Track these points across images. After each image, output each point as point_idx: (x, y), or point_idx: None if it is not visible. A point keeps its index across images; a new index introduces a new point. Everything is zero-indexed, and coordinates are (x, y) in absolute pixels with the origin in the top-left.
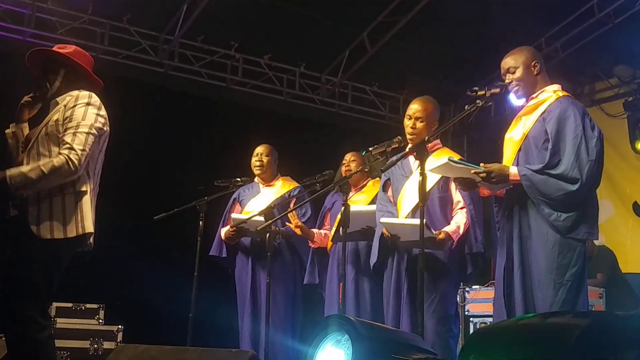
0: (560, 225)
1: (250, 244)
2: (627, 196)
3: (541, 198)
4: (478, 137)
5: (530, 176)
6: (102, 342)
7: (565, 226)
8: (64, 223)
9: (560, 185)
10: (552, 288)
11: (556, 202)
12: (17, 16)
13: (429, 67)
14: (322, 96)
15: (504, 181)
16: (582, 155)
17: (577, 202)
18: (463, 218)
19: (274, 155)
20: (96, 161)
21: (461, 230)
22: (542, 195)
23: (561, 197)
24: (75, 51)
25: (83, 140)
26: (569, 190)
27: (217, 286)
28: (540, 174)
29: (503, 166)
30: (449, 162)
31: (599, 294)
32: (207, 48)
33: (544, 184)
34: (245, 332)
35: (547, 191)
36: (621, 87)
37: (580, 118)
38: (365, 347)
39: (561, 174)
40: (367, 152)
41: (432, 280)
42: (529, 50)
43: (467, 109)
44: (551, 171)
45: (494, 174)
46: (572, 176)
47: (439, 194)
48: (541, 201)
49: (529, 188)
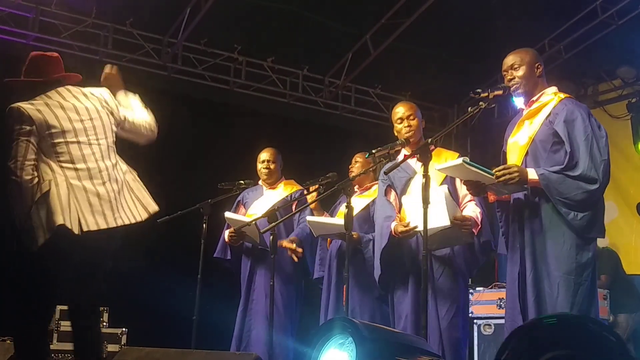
0: (577, 224)
1: (252, 246)
2: (631, 197)
3: (559, 198)
4: (482, 139)
5: (548, 175)
6: (106, 344)
7: (581, 225)
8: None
9: (580, 185)
10: (571, 289)
11: (576, 202)
12: (20, 20)
13: (432, 69)
14: (325, 99)
15: (522, 182)
16: (596, 155)
17: (595, 201)
18: (477, 208)
19: (280, 159)
20: (57, 153)
21: (479, 220)
22: (561, 195)
23: (582, 197)
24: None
25: (15, 152)
26: (589, 189)
27: (221, 289)
28: (558, 174)
29: (521, 167)
30: (464, 163)
31: (602, 296)
32: (210, 51)
33: (562, 184)
34: (235, 331)
35: (566, 191)
36: (624, 89)
37: (587, 118)
38: (369, 349)
39: (580, 175)
40: (370, 154)
41: (449, 288)
42: (533, 51)
43: (470, 111)
44: (570, 173)
45: (517, 173)
46: (590, 176)
47: (449, 189)
48: (559, 201)
49: (547, 188)
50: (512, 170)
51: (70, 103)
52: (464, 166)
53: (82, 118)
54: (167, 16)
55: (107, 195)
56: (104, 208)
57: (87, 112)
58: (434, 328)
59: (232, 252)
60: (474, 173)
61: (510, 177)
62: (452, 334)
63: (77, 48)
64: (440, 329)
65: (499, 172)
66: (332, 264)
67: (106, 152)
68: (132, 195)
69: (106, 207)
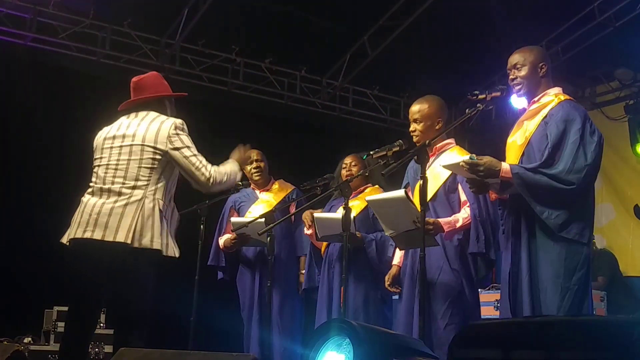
0: (551, 223)
1: (253, 249)
2: (628, 199)
3: (531, 196)
4: (479, 140)
5: (522, 174)
6: (102, 345)
7: (556, 224)
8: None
9: (552, 184)
10: (559, 292)
11: (545, 200)
12: (18, 21)
13: (429, 70)
14: (323, 100)
15: (492, 175)
16: (580, 159)
17: (568, 201)
18: (464, 213)
19: (265, 158)
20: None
21: (458, 224)
22: (532, 193)
23: (550, 194)
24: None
25: None
26: (560, 188)
27: (219, 290)
28: (534, 172)
29: (494, 160)
30: (470, 160)
31: (600, 297)
32: (208, 52)
33: (535, 182)
34: (253, 338)
35: (536, 188)
36: (622, 90)
37: (582, 122)
38: (367, 351)
39: (556, 174)
40: (368, 155)
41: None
42: (539, 50)
43: (468, 113)
44: (546, 170)
45: (482, 167)
46: (566, 179)
47: (446, 195)
48: (531, 199)
49: (520, 186)
50: (480, 164)
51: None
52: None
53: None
54: (165, 17)
55: (92, 209)
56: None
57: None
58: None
59: (226, 259)
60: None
61: (474, 169)
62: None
63: (75, 49)
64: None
65: (470, 163)
66: (334, 265)
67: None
68: (130, 219)
69: (90, 221)
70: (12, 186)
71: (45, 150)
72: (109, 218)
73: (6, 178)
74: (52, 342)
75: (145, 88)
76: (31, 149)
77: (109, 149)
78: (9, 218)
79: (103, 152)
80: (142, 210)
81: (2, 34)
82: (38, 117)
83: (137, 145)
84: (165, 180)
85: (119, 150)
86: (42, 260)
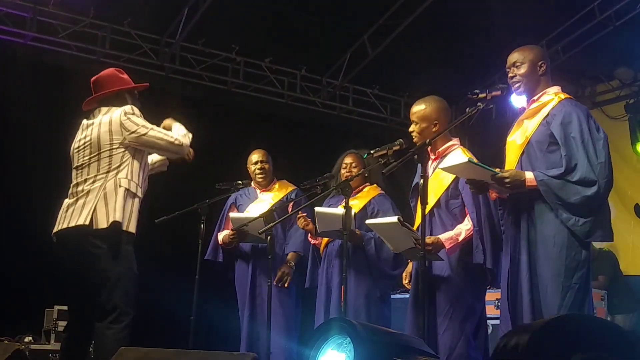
0: (578, 230)
1: (251, 247)
2: (629, 198)
3: (559, 203)
4: (480, 139)
5: (547, 181)
6: None
7: (583, 231)
8: None
9: (578, 190)
10: (560, 291)
11: (576, 207)
12: (18, 20)
13: (429, 69)
14: (323, 99)
15: (519, 187)
16: (593, 158)
17: (596, 206)
18: (467, 224)
19: (270, 159)
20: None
21: (461, 238)
22: (560, 200)
23: (581, 202)
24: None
25: None
26: (587, 194)
27: (219, 289)
28: (558, 179)
29: (518, 172)
30: (469, 162)
31: (600, 296)
32: (208, 51)
33: (561, 189)
34: (243, 335)
35: (565, 196)
36: (622, 90)
37: (585, 121)
38: (367, 350)
39: (579, 179)
40: (368, 154)
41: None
42: (538, 49)
43: (468, 112)
44: (569, 177)
45: (508, 180)
46: (589, 179)
47: (449, 200)
48: (559, 206)
49: (546, 193)
50: (506, 177)
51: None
52: (469, 164)
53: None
54: (165, 16)
55: (66, 207)
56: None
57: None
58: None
59: (224, 255)
60: (479, 171)
61: (501, 182)
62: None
63: (75, 48)
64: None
65: (497, 178)
66: (333, 264)
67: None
68: (91, 204)
69: (62, 216)
70: (12, 186)
71: (45, 150)
72: (74, 207)
73: (6, 178)
74: (52, 341)
75: (104, 84)
76: (31, 148)
77: (77, 153)
78: (9, 218)
79: (73, 158)
80: (102, 192)
81: (2, 33)
82: (38, 117)
83: (95, 144)
84: (129, 162)
85: (83, 152)
86: (42, 259)
